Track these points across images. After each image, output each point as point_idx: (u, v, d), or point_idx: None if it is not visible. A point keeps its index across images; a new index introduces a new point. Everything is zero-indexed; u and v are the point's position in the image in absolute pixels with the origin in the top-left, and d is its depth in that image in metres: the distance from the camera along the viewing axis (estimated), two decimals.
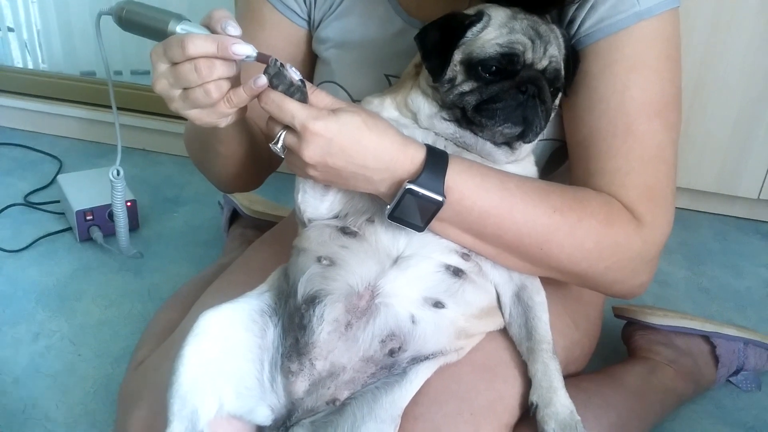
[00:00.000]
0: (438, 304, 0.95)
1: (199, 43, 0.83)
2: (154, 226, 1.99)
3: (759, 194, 2.09)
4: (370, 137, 0.88)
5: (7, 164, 2.33)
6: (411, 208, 0.91)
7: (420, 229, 0.93)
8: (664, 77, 1.00)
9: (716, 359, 1.38)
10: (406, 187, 0.89)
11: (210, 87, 0.85)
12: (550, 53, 0.95)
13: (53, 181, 2.17)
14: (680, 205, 2.19)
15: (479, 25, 0.95)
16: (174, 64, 0.85)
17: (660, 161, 1.00)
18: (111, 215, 1.87)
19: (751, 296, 1.79)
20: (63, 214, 2.00)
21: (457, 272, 0.97)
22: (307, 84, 0.89)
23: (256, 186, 1.32)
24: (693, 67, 1.96)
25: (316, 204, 1.01)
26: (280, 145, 0.90)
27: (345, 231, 0.99)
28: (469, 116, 0.95)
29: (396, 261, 0.95)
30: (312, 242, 1.00)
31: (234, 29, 0.85)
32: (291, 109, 0.86)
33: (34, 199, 2.11)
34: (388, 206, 0.92)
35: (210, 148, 1.14)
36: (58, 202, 2.05)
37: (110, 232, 1.86)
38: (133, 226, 1.93)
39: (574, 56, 1.01)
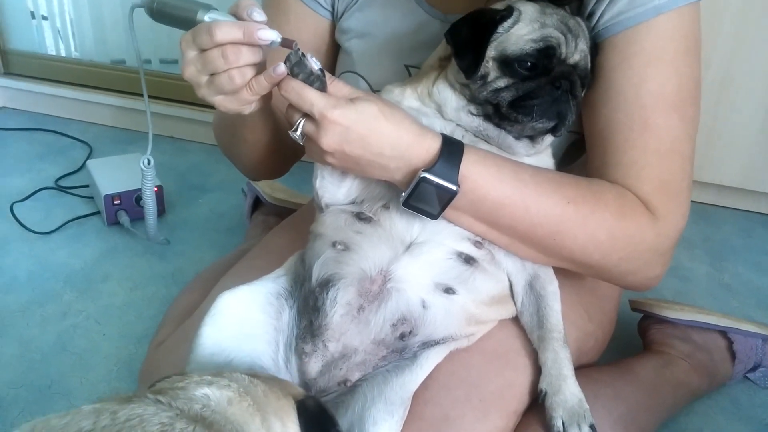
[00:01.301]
0: (449, 290, 0.96)
1: (226, 30, 0.86)
2: (180, 212, 2.04)
3: None
4: (387, 126, 0.90)
5: (39, 149, 2.39)
6: (426, 196, 0.92)
7: (434, 217, 0.94)
8: (682, 72, 1.00)
9: (733, 355, 1.38)
10: (421, 175, 0.90)
11: (234, 73, 0.88)
12: (581, 47, 0.96)
13: (83, 166, 2.21)
14: (705, 200, 2.17)
15: (510, 21, 0.95)
16: (202, 50, 0.88)
17: (676, 155, 1.00)
18: (138, 200, 1.91)
19: None
20: (92, 198, 2.05)
21: (468, 260, 0.98)
22: (326, 74, 0.91)
23: (281, 173, 1.35)
24: (721, 60, 1.94)
25: (334, 190, 1.03)
26: (299, 132, 0.92)
27: (360, 217, 1.00)
28: (503, 112, 0.96)
29: (409, 247, 0.97)
30: (328, 227, 1.02)
31: (259, 15, 0.88)
32: (310, 97, 0.88)
33: (64, 183, 2.16)
34: (403, 194, 0.93)
35: (237, 134, 1.17)
36: (87, 186, 2.10)
37: (137, 217, 1.91)
38: (159, 211, 1.96)
39: (594, 49, 1.01)
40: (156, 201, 1.42)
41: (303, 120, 0.91)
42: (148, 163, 1.22)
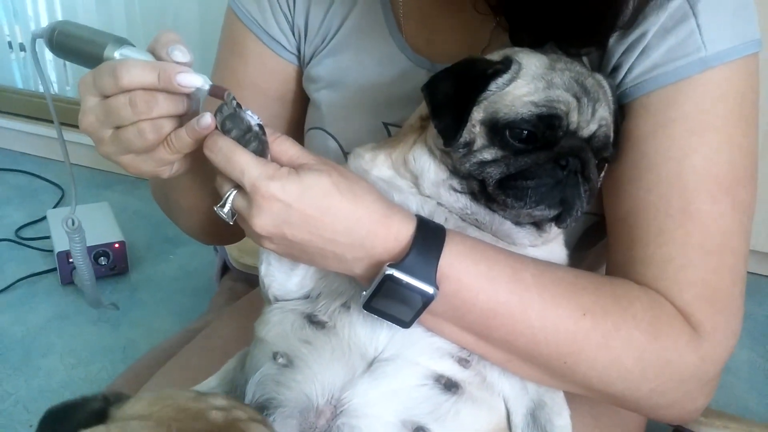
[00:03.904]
0: (420, 431, 0.72)
1: (136, 72, 0.68)
2: (146, 269, 1.84)
3: None
4: (342, 204, 0.70)
5: (8, 193, 2.22)
6: (393, 298, 0.71)
7: (405, 325, 0.73)
8: (735, 143, 0.78)
9: None
10: (386, 272, 0.69)
11: (144, 126, 0.70)
12: (600, 115, 0.74)
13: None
14: None
15: (506, 76, 0.75)
16: (105, 97, 0.70)
17: (726, 252, 0.78)
18: (97, 257, 1.70)
19: None
20: (52, 251, 1.85)
21: (450, 386, 0.75)
22: (269, 131, 0.72)
23: (236, 240, 1.17)
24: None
25: (283, 279, 0.82)
26: (227, 208, 0.72)
27: (312, 319, 0.79)
28: (489, 192, 0.75)
29: (371, 365, 0.74)
30: (271, 330, 0.81)
31: (182, 55, 0.71)
32: (241, 162, 0.69)
33: (26, 233, 1.97)
34: (364, 292, 0.72)
35: (170, 200, 1.00)
36: (49, 237, 1.89)
37: (96, 276, 1.69)
38: (122, 269, 1.78)
39: (620, 112, 0.80)
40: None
41: (234, 192, 0.71)
42: (73, 224, 1.00)
